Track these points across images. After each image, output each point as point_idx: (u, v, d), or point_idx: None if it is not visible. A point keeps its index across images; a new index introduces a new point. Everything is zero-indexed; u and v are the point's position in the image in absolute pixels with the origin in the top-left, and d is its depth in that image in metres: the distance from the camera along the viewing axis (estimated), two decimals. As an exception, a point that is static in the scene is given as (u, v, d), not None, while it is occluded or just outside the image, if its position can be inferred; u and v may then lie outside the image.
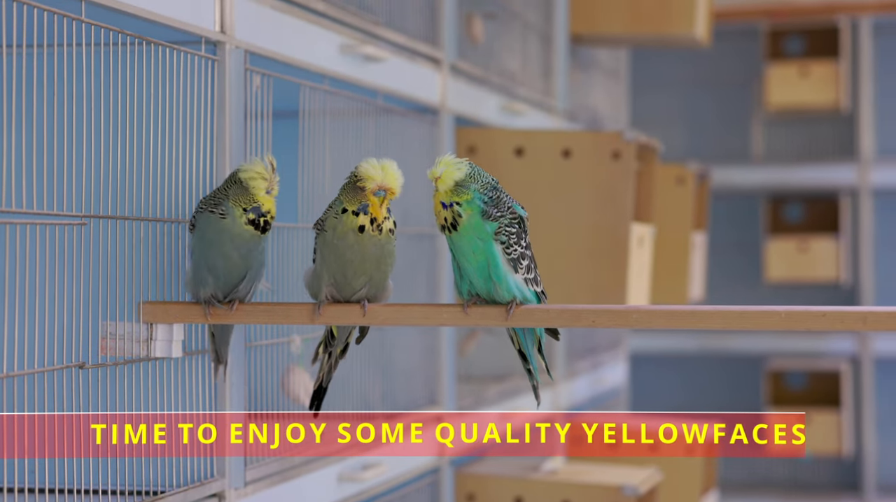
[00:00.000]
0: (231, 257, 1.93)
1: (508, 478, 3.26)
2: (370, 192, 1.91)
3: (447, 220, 1.91)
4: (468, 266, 1.92)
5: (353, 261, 1.92)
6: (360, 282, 1.94)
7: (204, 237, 1.93)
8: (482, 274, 1.92)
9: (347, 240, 1.91)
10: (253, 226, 1.92)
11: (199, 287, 1.95)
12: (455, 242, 1.92)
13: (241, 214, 1.92)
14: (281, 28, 2.32)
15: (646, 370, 6.11)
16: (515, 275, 1.93)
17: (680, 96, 6.25)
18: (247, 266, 1.95)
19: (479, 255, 1.92)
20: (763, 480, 6.08)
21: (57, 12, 1.80)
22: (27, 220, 1.78)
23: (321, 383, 2.08)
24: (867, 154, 5.99)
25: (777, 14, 6.02)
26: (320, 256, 1.95)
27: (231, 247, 1.92)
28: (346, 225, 1.91)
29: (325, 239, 1.93)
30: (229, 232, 1.92)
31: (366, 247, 1.92)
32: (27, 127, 1.81)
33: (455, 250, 1.93)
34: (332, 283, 1.94)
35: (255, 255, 1.95)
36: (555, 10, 3.95)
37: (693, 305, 2.34)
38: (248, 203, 1.92)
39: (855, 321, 1.78)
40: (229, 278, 1.95)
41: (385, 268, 1.95)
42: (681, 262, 3.91)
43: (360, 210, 1.91)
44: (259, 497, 2.23)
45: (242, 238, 1.93)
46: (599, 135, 3.24)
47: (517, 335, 2.01)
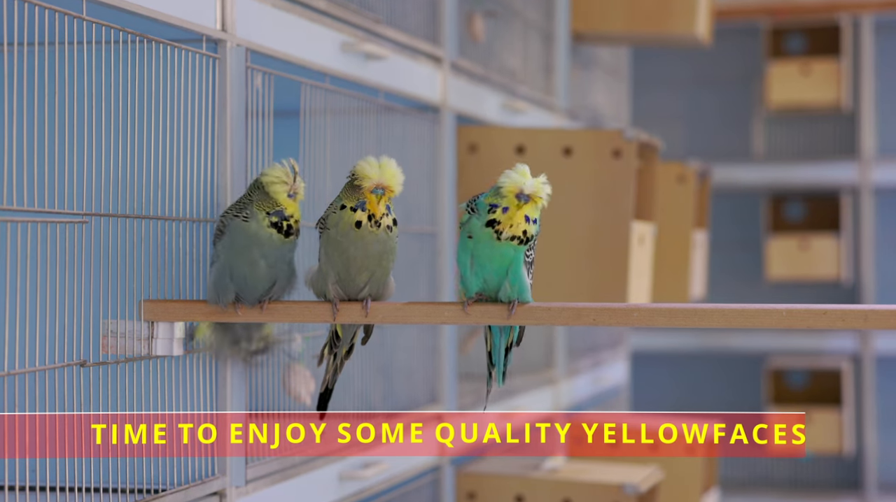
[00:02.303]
0: (258, 264, 1.92)
1: (509, 477, 3.25)
2: (367, 190, 1.92)
3: (525, 234, 1.92)
4: (490, 266, 1.92)
5: (357, 258, 1.93)
6: (363, 278, 1.95)
7: (233, 243, 1.93)
8: (499, 274, 1.93)
9: (350, 237, 1.92)
10: (276, 229, 1.92)
11: (219, 295, 1.94)
12: (501, 252, 1.92)
13: (264, 217, 1.92)
14: (282, 26, 2.32)
15: (647, 368, 6.11)
16: (528, 278, 1.94)
17: (681, 94, 6.25)
18: (273, 276, 1.94)
19: (506, 260, 1.92)
20: (764, 478, 6.08)
21: (59, 10, 1.80)
22: (28, 218, 1.78)
23: (327, 385, 2.08)
24: (868, 152, 5.99)
25: (778, 12, 6.02)
26: (325, 254, 1.95)
27: (258, 254, 1.92)
28: (345, 221, 1.92)
29: (328, 236, 1.94)
30: (255, 236, 1.92)
31: (368, 243, 1.93)
32: (28, 125, 1.81)
33: (483, 252, 1.92)
34: (336, 281, 1.95)
35: (282, 265, 1.94)
36: (556, 8, 3.94)
37: (694, 304, 2.34)
38: (271, 207, 1.92)
39: (856, 319, 1.78)
40: (255, 287, 1.94)
41: (387, 264, 1.96)
42: (682, 261, 3.91)
43: (358, 206, 1.92)
44: (260, 495, 2.23)
45: (270, 243, 1.92)
46: (600, 133, 3.24)
47: (492, 336, 2.02)
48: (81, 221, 1.87)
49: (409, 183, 2.87)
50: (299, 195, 1.94)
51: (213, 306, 1.96)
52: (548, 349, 3.87)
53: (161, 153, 2.03)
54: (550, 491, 3.23)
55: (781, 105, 5.95)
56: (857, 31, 6.01)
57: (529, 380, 3.66)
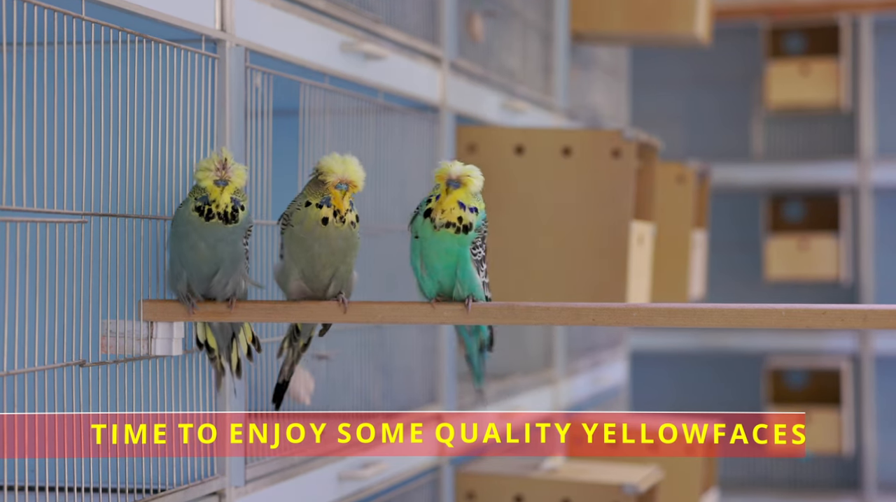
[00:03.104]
0: (198, 248, 1.94)
1: (508, 477, 3.25)
2: (332, 185, 1.93)
3: (461, 221, 1.92)
4: (437, 264, 1.94)
5: (322, 254, 1.95)
6: (327, 274, 1.97)
7: (176, 231, 1.96)
8: (449, 273, 1.94)
9: (314, 234, 1.93)
10: (198, 212, 1.93)
11: (175, 282, 1.97)
12: (440, 242, 1.93)
13: (192, 202, 1.94)
14: (281, 26, 2.32)
15: (646, 368, 6.10)
16: (478, 276, 1.95)
17: (680, 94, 6.25)
18: (217, 259, 1.95)
19: (451, 256, 1.93)
20: (763, 478, 6.08)
21: (58, 10, 1.80)
22: (27, 218, 1.78)
23: (284, 377, 2.10)
24: (867, 152, 5.99)
25: (777, 12, 6.02)
26: (288, 251, 1.97)
27: (197, 238, 1.94)
28: (310, 218, 1.93)
29: (292, 233, 1.96)
30: (185, 219, 1.94)
31: (332, 239, 1.94)
32: (27, 125, 1.81)
33: (428, 248, 1.94)
34: (300, 278, 1.96)
35: (224, 247, 1.95)
36: (555, 8, 3.94)
37: (693, 303, 2.34)
38: (200, 193, 1.94)
39: (855, 319, 1.78)
40: (200, 271, 1.95)
41: (350, 259, 1.98)
42: (681, 261, 3.91)
43: (324, 203, 1.93)
44: (259, 495, 2.23)
45: (199, 226, 1.94)
46: (599, 133, 3.24)
47: (464, 338, 2.04)
48: (80, 221, 1.87)
49: (409, 182, 2.87)
50: (233, 182, 1.94)
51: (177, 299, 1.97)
52: (547, 349, 3.87)
53: (160, 153, 2.03)
54: (549, 491, 3.23)
55: (781, 105, 5.95)
56: (857, 31, 6.01)
57: (529, 380, 3.66)
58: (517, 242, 3.12)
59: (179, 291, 1.97)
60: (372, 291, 2.64)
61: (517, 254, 3.11)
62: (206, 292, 1.98)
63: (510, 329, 3.70)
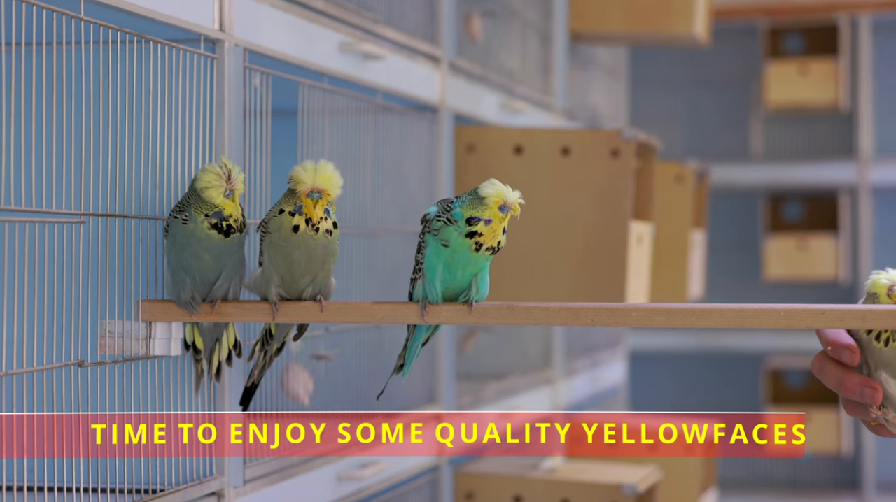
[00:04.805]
0: (202, 258, 1.93)
1: (507, 477, 3.25)
2: (303, 194, 1.92)
3: (500, 245, 1.92)
4: (462, 273, 1.93)
5: (300, 261, 1.94)
6: (305, 280, 1.96)
7: (175, 241, 1.94)
8: (467, 279, 1.94)
9: (291, 241, 1.93)
10: (216, 230, 1.92)
11: (179, 289, 1.95)
12: (476, 262, 1.92)
13: (202, 220, 1.92)
14: (280, 26, 2.32)
15: (645, 368, 6.11)
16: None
17: (679, 94, 6.25)
18: (220, 266, 1.95)
19: (477, 268, 1.93)
20: (762, 478, 6.08)
21: (56, 10, 1.80)
22: (26, 218, 1.78)
23: (254, 381, 2.09)
24: (866, 152, 5.99)
25: (776, 12, 6.02)
26: (267, 258, 1.96)
27: (201, 249, 1.93)
28: (284, 226, 1.93)
29: (270, 240, 1.95)
30: (195, 236, 1.92)
31: (311, 247, 1.94)
32: (26, 125, 1.81)
33: (457, 261, 1.92)
34: (279, 284, 1.96)
35: (228, 256, 1.95)
36: (554, 7, 3.94)
37: (692, 303, 2.34)
38: (210, 209, 1.92)
39: (854, 319, 1.78)
40: (204, 277, 1.95)
41: (329, 266, 1.98)
42: (680, 261, 3.92)
43: (296, 211, 1.93)
44: (258, 495, 2.23)
45: (210, 242, 1.93)
46: (598, 133, 3.24)
47: (416, 332, 2.02)
48: (79, 221, 1.87)
49: (408, 183, 2.87)
50: (238, 189, 1.93)
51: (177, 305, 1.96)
52: (546, 349, 3.87)
53: (159, 153, 2.03)
54: (549, 491, 3.23)
55: (780, 105, 5.95)
56: (855, 31, 6.01)
57: (528, 380, 3.66)
58: (516, 242, 3.12)
59: (184, 299, 1.95)
60: (372, 291, 2.64)
61: (516, 253, 3.11)
62: (206, 296, 1.97)
63: (509, 329, 3.70)
